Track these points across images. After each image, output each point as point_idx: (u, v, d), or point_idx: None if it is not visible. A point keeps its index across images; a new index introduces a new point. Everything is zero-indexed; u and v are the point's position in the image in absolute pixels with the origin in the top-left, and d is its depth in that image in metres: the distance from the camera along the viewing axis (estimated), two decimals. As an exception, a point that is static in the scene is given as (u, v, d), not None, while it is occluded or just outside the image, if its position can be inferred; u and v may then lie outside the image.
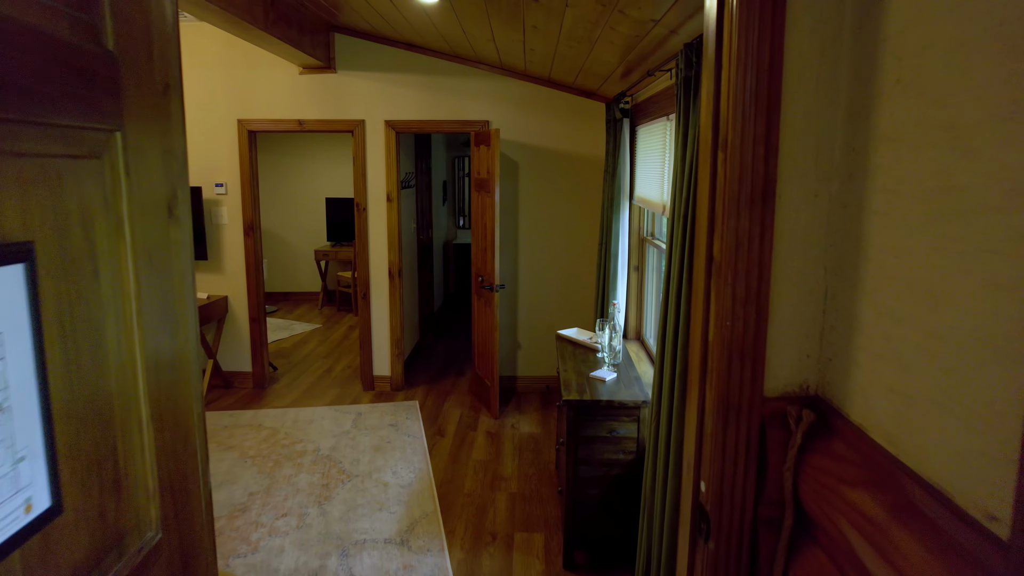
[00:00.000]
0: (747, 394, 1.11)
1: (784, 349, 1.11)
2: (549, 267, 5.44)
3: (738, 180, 1.05)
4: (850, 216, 1.03)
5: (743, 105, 1.03)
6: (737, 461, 1.14)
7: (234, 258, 5.54)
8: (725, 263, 1.07)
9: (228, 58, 5.24)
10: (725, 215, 1.06)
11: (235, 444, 4.58)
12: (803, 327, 1.10)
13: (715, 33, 1.12)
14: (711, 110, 1.11)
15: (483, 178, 5.02)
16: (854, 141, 1.03)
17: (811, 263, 1.08)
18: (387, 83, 5.21)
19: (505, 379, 5.59)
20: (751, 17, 1.03)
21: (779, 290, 1.08)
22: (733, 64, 1.03)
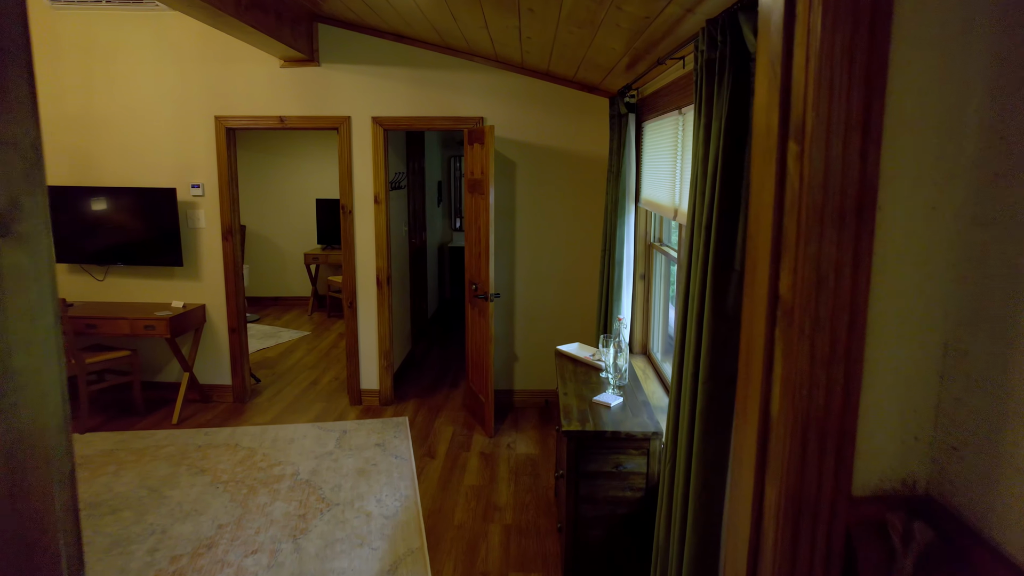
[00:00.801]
0: (827, 491, 0.77)
1: (881, 428, 0.77)
2: (548, 274, 5.09)
3: (822, 186, 0.71)
4: (994, 238, 0.69)
5: (831, 72, 0.69)
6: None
7: (212, 264, 5.19)
8: (800, 305, 0.73)
9: (204, 51, 4.89)
10: (801, 236, 0.72)
11: (208, 467, 4.23)
12: (911, 397, 0.76)
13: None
14: (776, 83, 0.77)
15: (477, 178, 4.68)
16: (1002, 125, 0.69)
17: (926, 305, 0.75)
18: (374, 77, 4.86)
19: (501, 393, 5.24)
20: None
21: (877, 344, 0.74)
22: (816, 10, 0.69)
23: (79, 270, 5.30)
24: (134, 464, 4.26)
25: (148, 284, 5.27)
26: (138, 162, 5.08)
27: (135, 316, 4.78)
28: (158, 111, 5.00)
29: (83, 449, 4.47)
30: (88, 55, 4.97)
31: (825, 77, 0.69)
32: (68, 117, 5.07)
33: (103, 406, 5.28)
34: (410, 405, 5.33)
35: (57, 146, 5.12)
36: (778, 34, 0.76)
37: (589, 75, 4.42)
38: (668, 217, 3.16)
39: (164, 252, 5.06)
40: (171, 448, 4.50)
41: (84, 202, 5.04)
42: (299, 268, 9.00)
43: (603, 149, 4.89)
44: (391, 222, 5.33)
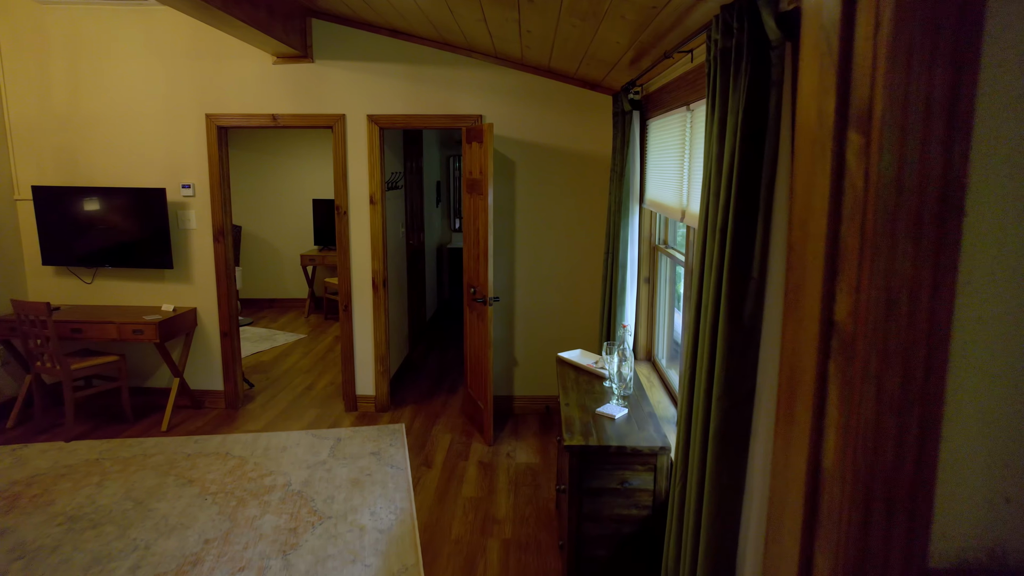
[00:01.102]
0: (896, 563, 0.62)
1: (964, 487, 0.62)
2: (549, 277, 4.94)
3: (895, 185, 0.56)
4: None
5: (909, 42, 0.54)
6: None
7: (203, 266, 5.04)
8: (865, 336, 0.58)
9: (195, 47, 4.74)
10: (867, 249, 0.57)
11: (197, 477, 4.08)
12: (1001, 450, 0.61)
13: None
14: (831, 61, 0.62)
15: (475, 178, 4.53)
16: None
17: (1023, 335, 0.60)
18: (370, 74, 4.71)
19: (500, 399, 5.09)
20: None
21: (961, 383, 0.60)
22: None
23: (66, 272, 5.15)
24: (119, 474, 4.12)
25: (137, 287, 5.12)
26: (127, 162, 4.94)
27: (123, 320, 4.64)
28: (147, 109, 4.85)
29: (67, 459, 4.32)
30: (75, 52, 4.82)
31: (901, 49, 0.54)
32: (55, 116, 4.92)
33: (91, 413, 5.13)
34: (407, 411, 5.18)
35: (43, 145, 4.98)
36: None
37: (591, 71, 4.27)
38: (674, 219, 3.01)
39: (154, 254, 4.92)
40: (159, 457, 4.36)
41: (71, 203, 4.90)
42: (296, 270, 8.85)
43: (605, 148, 4.74)
44: (388, 223, 5.19)
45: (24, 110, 4.93)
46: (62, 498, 3.83)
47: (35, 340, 4.53)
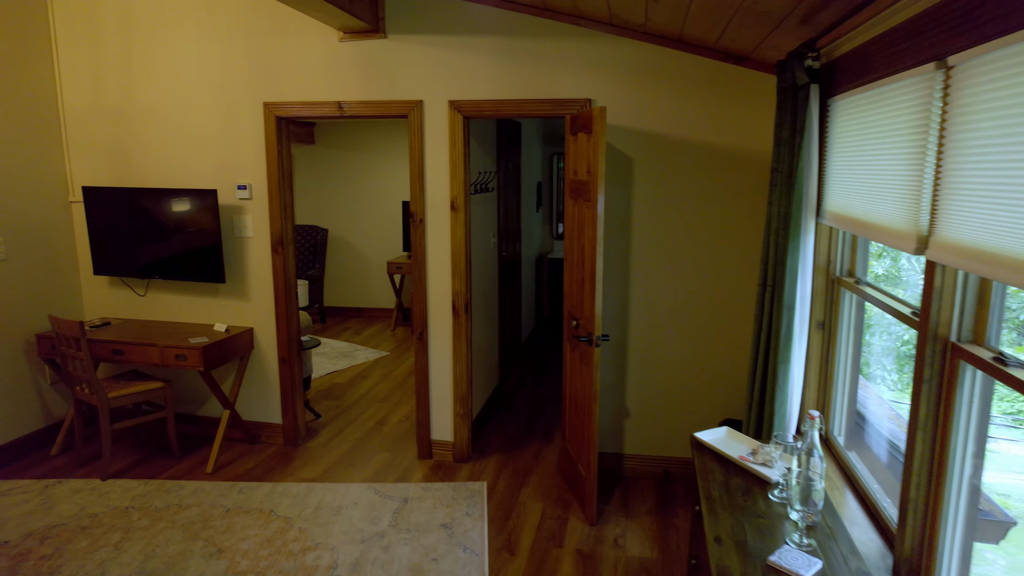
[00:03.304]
0: None
1: None
2: (674, 310, 3.84)
3: None
4: None
5: None
6: None
7: (260, 280, 4.33)
8: None
9: (253, 24, 4.02)
10: None
11: (228, 545, 3.32)
12: None
13: None
14: None
15: (581, 180, 3.52)
16: None
17: None
18: (453, 50, 3.80)
19: (606, 456, 4.05)
20: None
21: None
22: None
23: (120, 283, 4.60)
24: (144, 533, 3.43)
25: (191, 301, 4.49)
26: (179, 159, 4.30)
27: (166, 343, 3.98)
28: (201, 98, 4.18)
29: (95, 504, 3.70)
30: (128, 38, 4.23)
31: None
32: (107, 109, 4.36)
33: (139, 442, 4.55)
34: (491, 464, 4.24)
35: (97, 142, 4.43)
36: None
37: (740, 37, 3.15)
38: (896, 247, 1.87)
39: (205, 265, 4.25)
40: (194, 510, 3.65)
41: (120, 205, 4.31)
42: (383, 277, 8.17)
43: (757, 141, 3.59)
44: (472, 233, 4.27)
45: (78, 104, 4.41)
46: (71, 564, 3.17)
47: (73, 361, 3.96)
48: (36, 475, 4.07)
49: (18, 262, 4.23)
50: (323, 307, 8.06)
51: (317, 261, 7.83)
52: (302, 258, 7.82)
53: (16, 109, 4.17)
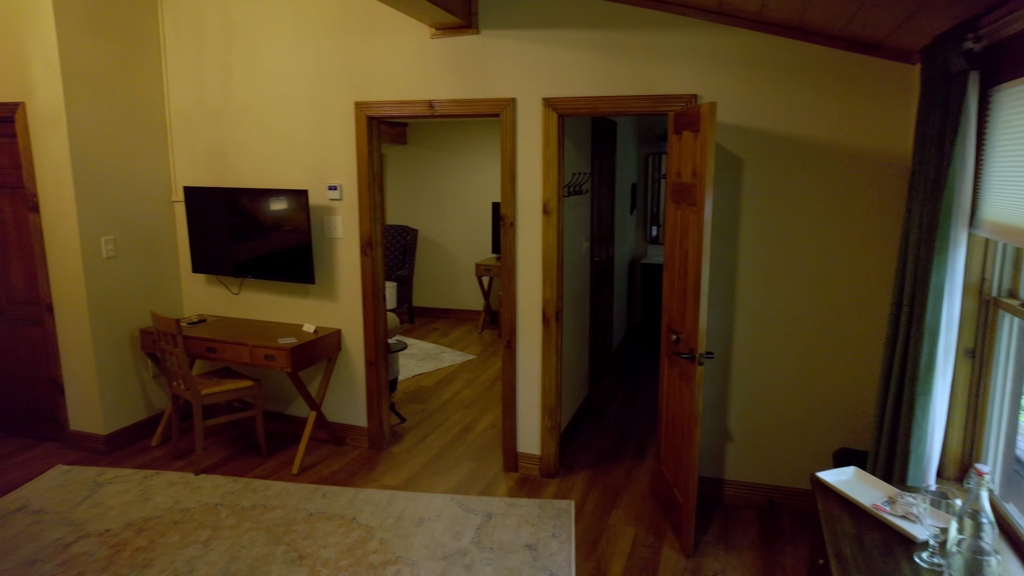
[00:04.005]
0: None
1: None
2: (785, 326, 3.48)
3: None
4: None
5: None
6: None
7: (349, 282, 4.29)
8: None
9: (344, 21, 3.98)
10: None
11: (310, 552, 3.26)
12: None
13: None
14: None
15: (685, 182, 3.24)
16: None
17: None
18: (547, 45, 3.61)
19: (704, 482, 3.74)
20: None
21: None
22: None
23: (216, 281, 4.69)
24: (231, 532, 3.43)
25: (282, 301, 4.51)
26: (272, 159, 4.33)
27: (256, 343, 4.00)
28: (294, 98, 4.19)
29: (187, 499, 3.75)
30: (228, 40, 4.29)
31: None
32: (208, 110, 4.45)
33: (230, 439, 4.63)
34: (579, 480, 4.02)
35: (197, 143, 4.54)
36: None
37: (871, 21, 2.78)
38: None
39: (296, 266, 4.25)
40: (279, 512, 3.63)
41: (217, 205, 4.39)
42: (472, 279, 8.09)
43: (890, 139, 3.19)
44: (565, 237, 4.06)
45: (182, 106, 4.52)
46: (163, 558, 3.20)
47: (170, 357, 4.04)
48: (137, 465, 4.20)
49: (126, 260, 4.38)
50: (411, 307, 8.07)
51: (406, 261, 7.84)
52: (392, 258, 7.86)
53: (129, 113, 4.31)
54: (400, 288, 7.69)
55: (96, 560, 3.21)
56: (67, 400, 4.39)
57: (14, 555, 3.25)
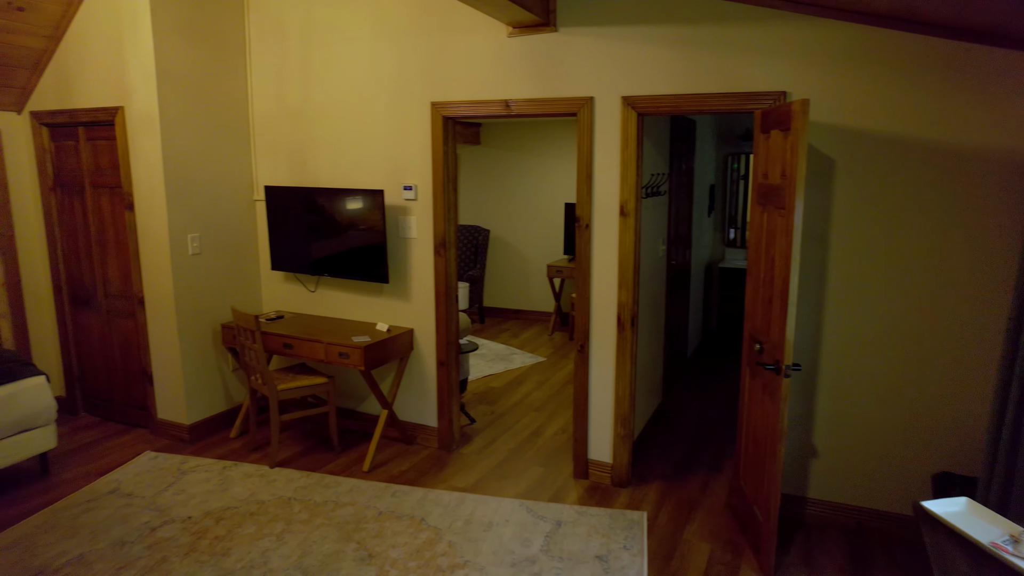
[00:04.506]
0: None
1: None
2: (879, 338, 3.25)
3: None
4: None
5: None
6: None
7: (422, 282, 4.30)
8: None
9: (421, 24, 3.99)
10: None
11: (379, 551, 3.28)
12: None
13: None
14: None
15: (772, 184, 3.07)
16: None
17: None
18: (627, 41, 3.50)
19: (786, 499, 3.55)
20: None
21: None
22: None
23: (293, 279, 4.80)
24: (303, 526, 3.48)
25: (356, 300, 4.58)
26: (349, 159, 4.39)
27: (331, 340, 4.06)
28: (371, 99, 4.23)
29: (263, 491, 3.84)
30: (308, 42, 4.38)
31: None
32: (288, 111, 4.55)
33: (304, 433, 4.72)
34: (652, 491, 3.89)
35: (278, 143, 4.65)
36: None
37: (990, 6, 2.55)
38: None
39: (370, 265, 4.29)
40: (350, 509, 3.66)
41: (295, 204, 4.49)
42: (543, 280, 8.03)
43: (1008, 138, 2.93)
44: (642, 240, 3.94)
45: (264, 107, 4.65)
46: (239, 548, 3.28)
47: (249, 352, 4.16)
48: (216, 455, 4.34)
49: (210, 257, 4.54)
50: (482, 307, 8.08)
51: (478, 261, 7.85)
52: (463, 258, 7.89)
53: (216, 115, 4.47)
54: (471, 288, 7.71)
55: (179, 546, 3.32)
56: (155, 390, 4.59)
57: (107, 535, 3.41)
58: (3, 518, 3.62)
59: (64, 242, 4.85)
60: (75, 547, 3.32)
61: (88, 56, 4.33)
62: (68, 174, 4.71)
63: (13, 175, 4.74)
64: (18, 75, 4.49)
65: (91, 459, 4.32)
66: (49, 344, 5.02)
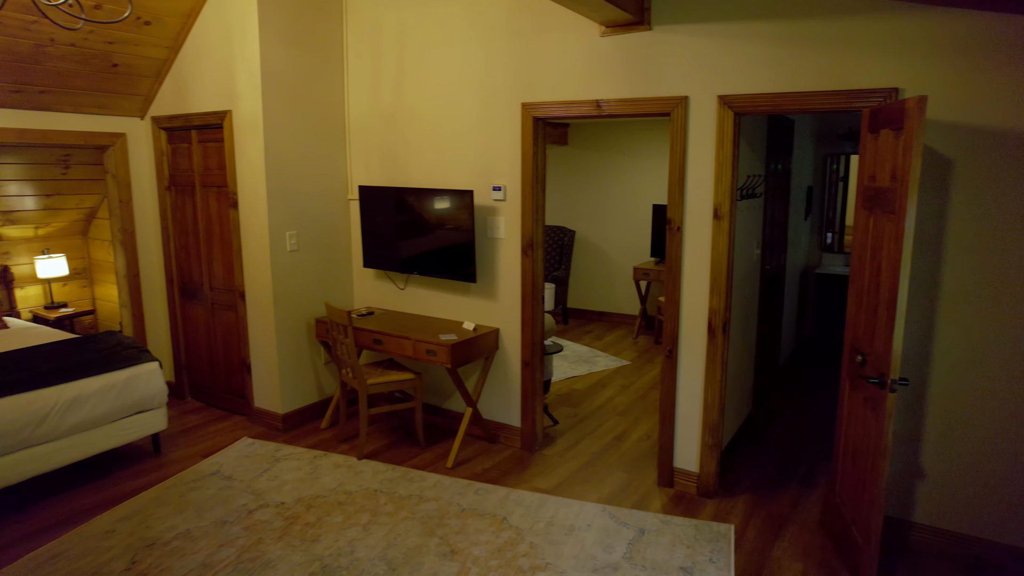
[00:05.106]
0: None
1: None
2: (999, 354, 3.00)
3: None
4: None
5: None
6: None
7: (509, 282, 4.32)
8: None
9: (513, 25, 4.00)
10: None
11: (461, 547, 3.31)
12: None
13: None
14: None
15: (881, 187, 2.89)
16: None
17: None
18: (725, 39, 3.38)
19: (888, 522, 3.34)
20: None
21: None
22: None
23: (384, 276, 4.94)
24: (388, 519, 3.57)
25: (443, 298, 4.65)
26: (440, 160, 4.47)
27: (419, 337, 4.15)
28: (462, 100, 4.29)
29: (351, 482, 3.97)
30: (402, 45, 4.49)
31: None
32: (382, 113, 4.69)
33: (390, 427, 4.84)
34: (739, 504, 3.76)
35: (372, 144, 4.80)
36: None
37: None
38: None
39: (458, 264, 4.35)
40: (433, 504, 3.73)
41: (387, 203, 4.61)
42: (628, 282, 7.91)
43: None
44: (736, 244, 3.81)
45: (360, 109, 4.80)
46: (328, 535, 3.40)
47: (340, 346, 4.30)
48: (308, 444, 4.52)
49: (306, 254, 4.73)
50: (566, 309, 8.05)
51: (563, 262, 7.83)
52: (548, 259, 7.88)
53: (314, 118, 4.65)
54: (556, 289, 7.69)
55: (273, 529, 3.47)
56: (253, 379, 4.83)
57: (210, 514, 3.62)
58: (123, 490, 3.92)
59: (176, 238, 5.18)
60: (183, 523, 3.54)
61: (202, 64, 4.61)
62: (181, 174, 5.02)
63: (135, 176, 5.11)
64: (143, 84, 4.83)
65: (195, 441, 4.60)
66: (161, 333, 5.38)
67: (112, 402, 3.99)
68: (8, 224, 5.79)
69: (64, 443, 3.82)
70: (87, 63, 4.35)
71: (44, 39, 4.02)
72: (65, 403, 3.78)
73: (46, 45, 4.06)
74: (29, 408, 3.64)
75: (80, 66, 4.34)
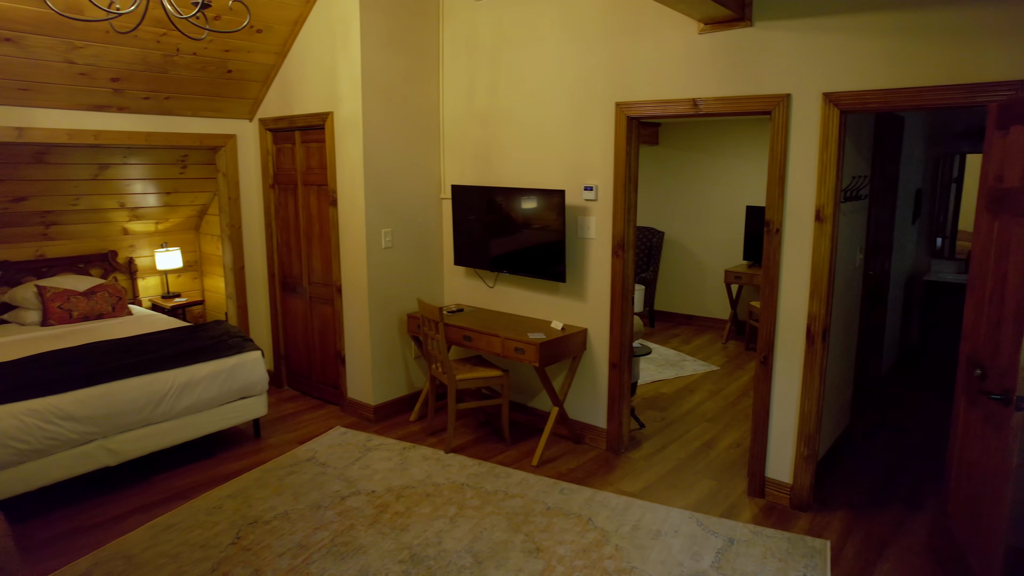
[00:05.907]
0: None
1: None
2: None
3: None
4: None
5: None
6: None
7: (599, 283, 4.31)
8: None
9: (607, 23, 3.98)
10: None
11: (546, 545, 3.33)
12: None
13: None
14: None
15: (1009, 187, 2.69)
16: None
17: None
18: (831, 33, 3.24)
19: (1013, 552, 3.10)
20: None
21: None
22: None
23: (474, 274, 5.02)
24: (475, 512, 3.63)
25: (532, 297, 4.68)
26: (532, 160, 4.50)
27: (507, 335, 4.19)
28: (555, 100, 4.30)
29: (438, 475, 4.06)
30: (497, 47, 4.55)
31: None
32: (476, 114, 4.77)
33: (477, 423, 4.92)
34: (836, 520, 3.59)
35: (465, 144, 4.89)
36: None
37: None
38: None
39: (548, 264, 4.37)
40: (519, 501, 3.76)
41: (478, 202, 4.68)
42: (718, 286, 7.70)
43: None
44: (839, 248, 3.64)
45: (454, 110, 4.91)
46: (416, 525, 3.50)
47: (431, 341, 4.41)
48: (397, 436, 4.65)
49: (400, 251, 4.88)
50: (653, 311, 7.92)
51: (651, 264, 7.71)
52: (637, 260, 7.75)
53: (410, 118, 4.79)
54: (644, 291, 7.59)
55: (364, 516, 3.60)
56: (347, 371, 5.02)
57: (306, 498, 3.79)
58: (227, 471, 4.17)
59: (278, 234, 5.46)
60: (281, 504, 3.73)
61: (306, 68, 4.83)
62: (284, 173, 5.29)
63: (243, 174, 5.42)
64: (252, 88, 5.12)
65: (292, 428, 4.83)
66: (262, 324, 5.67)
67: (219, 387, 4.24)
68: (134, 219, 6.27)
69: (177, 423, 4.10)
70: (205, 70, 4.65)
71: (171, 49, 4.32)
72: (179, 386, 4.05)
73: (173, 55, 4.37)
74: (149, 389, 3.93)
75: (199, 73, 4.65)
